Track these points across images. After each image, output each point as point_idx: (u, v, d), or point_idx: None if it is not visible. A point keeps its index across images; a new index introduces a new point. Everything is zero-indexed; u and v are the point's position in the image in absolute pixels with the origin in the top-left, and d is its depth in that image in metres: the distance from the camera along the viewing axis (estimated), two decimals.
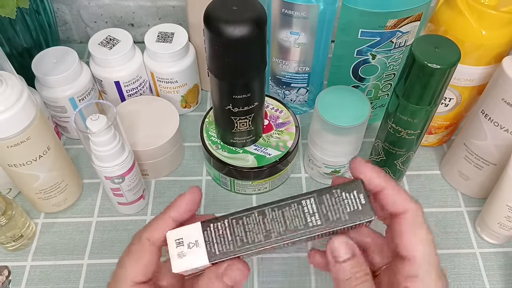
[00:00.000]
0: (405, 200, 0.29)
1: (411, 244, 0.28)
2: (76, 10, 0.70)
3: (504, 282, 0.49)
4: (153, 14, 0.71)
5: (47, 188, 0.49)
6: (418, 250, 0.28)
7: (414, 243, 0.28)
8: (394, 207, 0.29)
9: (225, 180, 0.54)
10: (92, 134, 0.43)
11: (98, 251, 0.51)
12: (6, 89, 0.41)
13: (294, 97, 0.61)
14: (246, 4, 0.40)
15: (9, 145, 0.42)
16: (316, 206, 0.30)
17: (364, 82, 0.56)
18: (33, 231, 0.52)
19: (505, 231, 0.49)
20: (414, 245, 0.28)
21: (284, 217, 0.30)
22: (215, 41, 0.41)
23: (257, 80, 0.45)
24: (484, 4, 0.44)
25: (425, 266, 0.28)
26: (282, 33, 0.53)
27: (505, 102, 0.44)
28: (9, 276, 0.49)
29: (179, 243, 0.30)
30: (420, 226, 0.29)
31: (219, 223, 0.30)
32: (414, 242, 0.28)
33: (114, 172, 0.46)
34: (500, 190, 0.47)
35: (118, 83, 0.57)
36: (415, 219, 0.29)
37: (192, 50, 0.59)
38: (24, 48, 0.56)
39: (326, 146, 0.50)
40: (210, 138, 0.53)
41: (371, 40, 0.50)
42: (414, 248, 0.28)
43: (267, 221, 0.30)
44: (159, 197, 0.56)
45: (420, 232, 0.29)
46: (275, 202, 0.31)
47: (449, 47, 0.40)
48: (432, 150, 0.60)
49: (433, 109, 0.43)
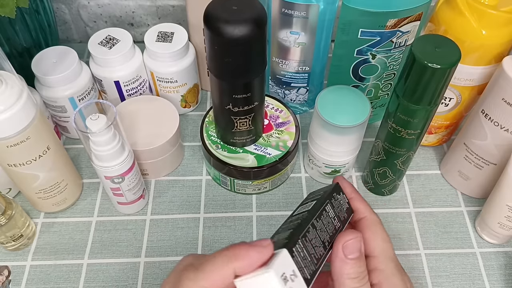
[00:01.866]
0: (365, 209, 0.36)
1: (372, 241, 0.33)
2: (76, 10, 0.70)
3: (504, 282, 0.49)
4: (153, 14, 0.71)
5: (47, 187, 0.49)
6: (378, 246, 0.33)
7: (373, 240, 0.33)
8: (356, 214, 0.36)
9: (225, 180, 0.54)
10: (92, 134, 0.43)
11: (98, 251, 0.51)
12: (6, 89, 0.41)
13: (294, 97, 0.61)
14: (246, 4, 0.40)
15: (9, 145, 0.42)
16: (333, 210, 0.33)
17: (364, 81, 0.56)
18: (33, 230, 0.52)
19: (505, 231, 0.49)
20: (373, 241, 0.33)
21: (324, 225, 0.32)
22: (215, 41, 0.41)
23: (257, 79, 0.45)
24: (484, 4, 0.44)
25: (385, 260, 0.33)
26: (282, 32, 0.53)
27: (505, 102, 0.44)
28: (9, 276, 0.49)
29: (284, 278, 0.26)
30: (378, 227, 0.34)
31: (297, 246, 0.28)
32: (373, 240, 0.33)
33: (114, 171, 0.46)
34: (500, 190, 0.47)
35: (118, 82, 0.57)
36: (372, 222, 0.35)
37: (192, 50, 0.59)
38: (23, 48, 0.56)
39: (326, 145, 0.50)
40: (210, 138, 0.53)
41: (371, 39, 0.50)
42: (375, 245, 0.33)
43: (318, 232, 0.31)
44: (159, 197, 0.56)
45: (377, 231, 0.34)
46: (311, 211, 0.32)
47: (449, 47, 0.40)
48: (432, 150, 0.60)
49: (433, 109, 0.43)
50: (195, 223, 0.53)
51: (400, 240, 0.52)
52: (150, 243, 0.52)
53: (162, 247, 0.51)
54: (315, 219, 0.31)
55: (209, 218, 0.54)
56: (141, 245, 0.52)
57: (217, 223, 0.53)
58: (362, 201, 0.36)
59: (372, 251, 0.33)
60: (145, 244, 0.52)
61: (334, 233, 0.32)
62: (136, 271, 0.50)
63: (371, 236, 0.34)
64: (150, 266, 0.50)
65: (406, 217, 0.54)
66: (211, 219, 0.54)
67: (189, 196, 0.56)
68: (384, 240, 0.34)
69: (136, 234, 0.52)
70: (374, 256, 0.33)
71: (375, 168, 0.53)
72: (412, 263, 0.50)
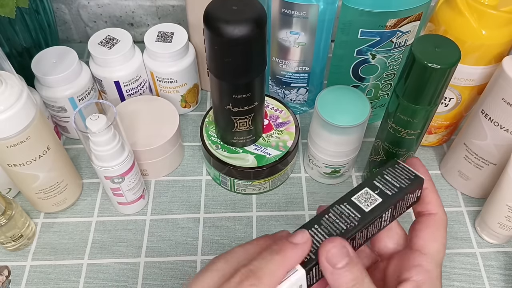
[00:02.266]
0: (439, 205, 0.33)
1: (430, 240, 0.32)
2: (76, 10, 0.70)
3: (504, 282, 0.49)
4: (153, 14, 0.71)
5: (47, 188, 0.49)
6: (433, 247, 0.32)
7: (432, 240, 0.32)
8: (428, 206, 0.33)
9: (225, 180, 0.54)
10: (92, 134, 0.43)
11: (98, 251, 0.51)
12: (5, 89, 0.41)
13: (294, 97, 0.61)
14: (246, 4, 0.40)
15: (8, 145, 0.42)
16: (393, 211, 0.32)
17: (364, 81, 0.56)
18: (33, 231, 0.52)
19: (505, 231, 0.49)
20: (432, 242, 0.32)
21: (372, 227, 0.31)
22: (215, 41, 0.41)
23: (257, 80, 0.45)
24: (484, 4, 0.44)
25: (433, 262, 0.31)
26: (282, 32, 0.53)
27: (505, 102, 0.44)
28: (9, 276, 0.49)
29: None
30: (442, 230, 0.33)
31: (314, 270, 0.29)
32: (433, 240, 0.32)
33: (114, 172, 0.46)
34: (500, 190, 0.47)
35: (117, 82, 0.57)
36: (441, 223, 0.33)
37: (191, 50, 0.59)
38: (23, 48, 0.56)
39: (326, 145, 0.50)
40: (210, 138, 0.53)
41: (371, 39, 0.50)
42: (431, 245, 0.32)
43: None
44: (159, 197, 0.56)
45: (440, 234, 0.32)
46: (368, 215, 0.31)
47: (449, 47, 0.40)
48: (432, 150, 0.60)
49: (433, 109, 0.43)
50: (195, 223, 0.53)
51: None
52: (150, 243, 0.52)
53: (162, 247, 0.51)
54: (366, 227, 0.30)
55: (209, 218, 0.54)
56: (141, 245, 0.52)
57: (217, 223, 0.53)
58: (435, 193, 0.33)
59: (425, 248, 0.32)
60: (145, 244, 0.52)
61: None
62: (136, 271, 0.50)
63: (434, 235, 0.32)
64: (150, 266, 0.50)
65: (406, 217, 0.54)
66: (211, 219, 0.54)
67: (189, 196, 0.56)
68: (442, 244, 0.32)
69: (136, 234, 0.52)
70: (425, 253, 0.31)
71: (375, 168, 0.53)
72: None
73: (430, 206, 0.33)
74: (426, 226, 0.32)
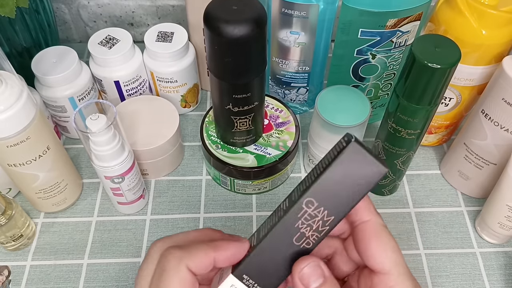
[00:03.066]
0: (370, 210, 0.29)
1: (380, 253, 0.28)
2: (76, 10, 0.70)
3: (504, 282, 0.49)
4: (153, 14, 0.71)
5: (46, 187, 0.49)
6: (389, 259, 0.27)
7: (382, 251, 0.28)
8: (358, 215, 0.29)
9: (225, 180, 0.54)
10: (92, 133, 0.43)
11: (98, 251, 0.51)
12: (6, 89, 0.41)
13: (294, 97, 0.61)
14: (246, 4, 0.40)
15: (8, 144, 0.42)
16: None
17: (364, 81, 0.56)
18: (33, 230, 0.52)
19: (505, 231, 0.49)
20: (382, 254, 0.28)
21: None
22: (215, 40, 0.41)
23: (257, 79, 0.45)
24: (484, 4, 0.44)
25: (399, 276, 0.27)
26: (282, 32, 0.53)
27: (505, 101, 0.44)
28: (9, 276, 0.49)
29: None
30: (384, 234, 0.28)
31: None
32: (382, 251, 0.28)
33: (114, 171, 0.46)
34: (500, 190, 0.47)
35: (117, 82, 0.57)
36: (379, 228, 0.28)
37: (191, 50, 0.59)
38: (23, 48, 0.56)
39: (326, 145, 0.50)
40: (210, 138, 0.53)
41: (371, 39, 0.50)
42: (384, 259, 0.27)
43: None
44: (159, 196, 0.56)
45: (385, 241, 0.28)
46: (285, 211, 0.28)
47: (449, 46, 0.40)
48: (432, 150, 0.60)
49: (433, 109, 0.43)
50: (195, 223, 0.53)
51: (400, 240, 0.52)
52: (150, 243, 0.52)
53: None
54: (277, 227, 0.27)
55: (209, 218, 0.54)
56: (141, 245, 0.52)
57: (217, 223, 0.53)
58: (365, 198, 0.28)
59: (382, 266, 0.27)
60: (145, 244, 0.52)
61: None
62: (136, 271, 0.50)
63: (379, 246, 0.28)
64: None
65: (406, 217, 0.54)
66: (211, 219, 0.54)
67: (189, 196, 0.56)
68: (394, 250, 0.28)
69: (136, 234, 0.52)
70: (385, 273, 0.27)
71: None
72: (412, 263, 0.50)
73: (360, 213, 0.29)
74: (367, 237, 0.28)
